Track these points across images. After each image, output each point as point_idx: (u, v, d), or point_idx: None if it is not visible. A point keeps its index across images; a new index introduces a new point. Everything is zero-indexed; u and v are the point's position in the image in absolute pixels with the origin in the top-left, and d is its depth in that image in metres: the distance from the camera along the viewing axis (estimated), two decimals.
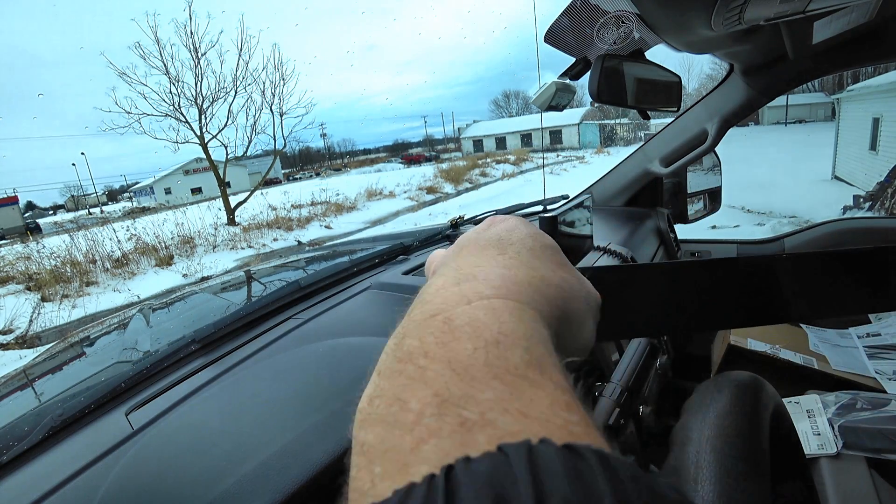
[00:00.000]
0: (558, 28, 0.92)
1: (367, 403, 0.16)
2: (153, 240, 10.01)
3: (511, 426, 0.13)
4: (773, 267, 0.31)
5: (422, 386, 0.14)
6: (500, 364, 0.15)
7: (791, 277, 0.32)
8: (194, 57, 11.89)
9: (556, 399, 0.14)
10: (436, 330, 0.17)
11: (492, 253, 0.23)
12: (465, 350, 0.15)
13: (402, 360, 0.16)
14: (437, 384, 0.14)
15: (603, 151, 28.24)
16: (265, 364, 0.64)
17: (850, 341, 1.24)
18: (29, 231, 19.53)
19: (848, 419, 0.85)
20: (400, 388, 0.15)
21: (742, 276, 0.31)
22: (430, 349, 0.16)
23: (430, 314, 0.18)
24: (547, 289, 0.21)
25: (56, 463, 0.50)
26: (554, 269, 0.23)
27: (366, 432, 0.14)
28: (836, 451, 0.80)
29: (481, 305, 0.18)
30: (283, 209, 13.36)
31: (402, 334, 0.18)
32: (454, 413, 0.13)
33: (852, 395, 0.92)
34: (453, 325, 0.17)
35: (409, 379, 0.15)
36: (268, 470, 0.43)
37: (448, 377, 0.14)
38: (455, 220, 1.31)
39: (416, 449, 0.13)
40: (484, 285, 0.19)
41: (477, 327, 0.17)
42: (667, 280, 0.33)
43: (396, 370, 0.16)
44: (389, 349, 0.18)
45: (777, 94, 1.23)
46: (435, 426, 0.13)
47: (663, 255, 1.37)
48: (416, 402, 0.14)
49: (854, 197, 7.49)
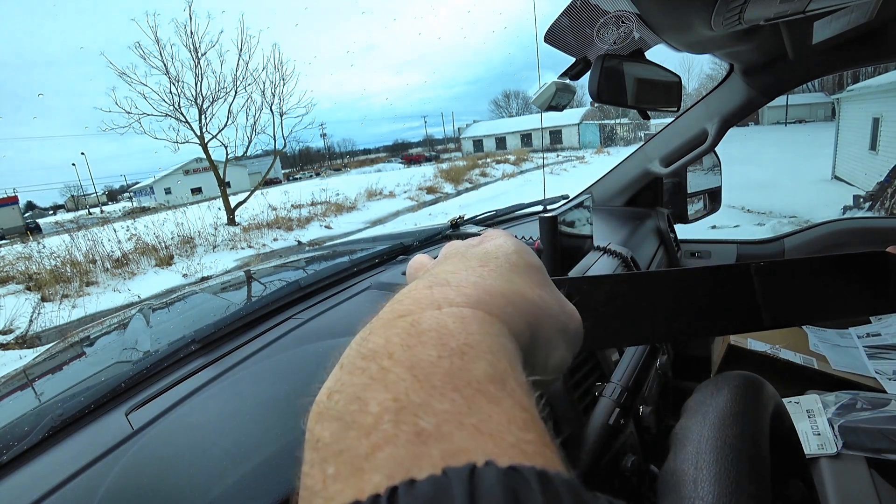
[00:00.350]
0: (558, 28, 0.92)
1: (325, 396, 0.15)
2: (153, 240, 10.01)
3: (465, 441, 0.12)
4: (772, 272, 0.31)
5: (382, 388, 0.14)
6: (461, 375, 0.15)
7: (790, 282, 0.32)
8: (194, 57, 11.91)
9: (514, 416, 0.14)
10: (402, 331, 0.17)
11: (472, 263, 0.23)
12: (428, 356, 0.15)
13: (365, 357, 0.16)
14: (398, 389, 0.14)
15: (603, 151, 28.24)
16: (265, 364, 0.64)
17: (850, 341, 1.24)
18: (29, 231, 19.54)
19: (848, 419, 0.85)
20: (360, 386, 0.15)
21: (740, 282, 0.31)
22: (394, 350, 0.16)
23: (399, 314, 0.18)
24: (521, 303, 0.21)
25: (56, 463, 0.50)
26: (532, 287, 0.22)
27: (322, 427, 0.14)
28: (836, 451, 0.80)
29: (450, 312, 0.18)
30: (283, 209, 13.36)
31: (369, 330, 0.18)
32: (411, 421, 0.13)
33: (852, 395, 0.92)
34: (420, 329, 0.17)
35: (371, 378, 0.15)
36: (268, 470, 0.43)
37: (409, 383, 0.14)
38: (455, 220, 1.31)
39: (370, 455, 0.12)
40: (455, 292, 0.19)
41: (443, 334, 0.16)
42: (664, 289, 0.32)
43: (359, 367, 0.16)
44: (355, 343, 0.17)
45: (777, 94, 1.23)
46: (391, 433, 0.13)
47: (663, 255, 1.37)
48: (376, 404, 0.14)
49: (854, 197, 7.49)
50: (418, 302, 0.19)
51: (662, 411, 0.87)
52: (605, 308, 0.30)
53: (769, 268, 0.31)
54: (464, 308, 0.18)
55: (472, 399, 0.14)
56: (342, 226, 12.28)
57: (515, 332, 0.19)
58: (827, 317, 0.34)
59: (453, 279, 0.20)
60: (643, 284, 0.33)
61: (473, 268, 0.22)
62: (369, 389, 0.14)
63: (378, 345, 0.16)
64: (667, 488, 0.40)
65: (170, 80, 11.77)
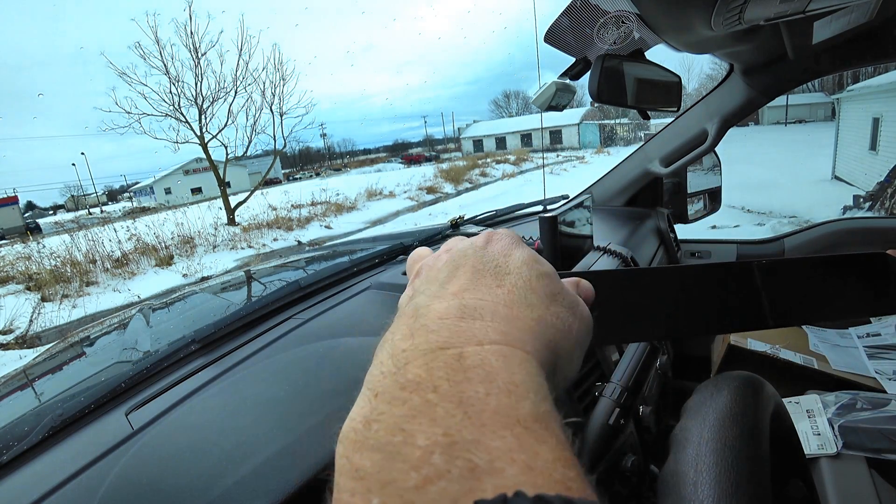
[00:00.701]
0: (558, 28, 0.92)
1: (362, 425, 0.15)
2: (153, 240, 10.01)
3: (517, 477, 0.13)
4: (775, 270, 0.31)
5: (429, 422, 0.14)
6: (510, 413, 0.15)
7: (790, 282, 0.32)
8: (194, 57, 11.91)
9: (559, 455, 0.14)
10: (445, 365, 0.17)
11: (489, 283, 0.23)
12: (476, 393, 0.15)
13: (405, 389, 0.16)
14: (448, 424, 0.14)
15: (603, 151, 28.24)
16: (265, 364, 0.64)
17: (850, 341, 1.24)
18: (29, 231, 19.54)
19: (848, 419, 0.85)
20: (403, 418, 0.15)
21: (743, 280, 0.31)
22: (439, 384, 0.16)
23: (439, 346, 0.18)
24: (544, 331, 0.21)
25: (56, 463, 0.50)
26: (548, 305, 0.23)
27: (361, 456, 0.14)
28: (836, 451, 0.80)
29: (493, 350, 0.18)
30: (283, 209, 13.36)
31: (405, 360, 0.17)
32: (465, 457, 0.13)
33: (852, 395, 0.92)
34: (465, 365, 0.17)
35: (415, 411, 0.15)
36: (268, 470, 0.43)
37: (459, 418, 0.14)
38: (455, 220, 1.31)
39: (422, 488, 0.13)
40: (492, 328, 0.19)
41: (489, 371, 0.17)
42: (667, 285, 0.32)
43: (399, 398, 0.16)
44: (388, 371, 0.17)
45: (777, 94, 1.23)
46: (443, 467, 0.13)
47: (663, 255, 1.37)
48: (424, 438, 0.14)
49: (854, 197, 7.49)
50: (457, 335, 0.19)
51: (662, 411, 0.87)
52: (607, 304, 0.30)
53: (772, 266, 0.31)
54: (504, 346, 0.18)
55: (521, 437, 0.14)
56: (342, 226, 12.28)
57: (543, 364, 0.20)
58: (829, 316, 0.34)
59: (484, 311, 0.20)
60: (646, 280, 0.33)
61: (492, 288, 0.22)
62: (414, 422, 0.15)
63: (419, 376, 0.16)
64: (667, 490, 0.40)
65: (170, 80, 11.78)
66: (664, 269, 0.33)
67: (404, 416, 0.15)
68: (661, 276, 0.33)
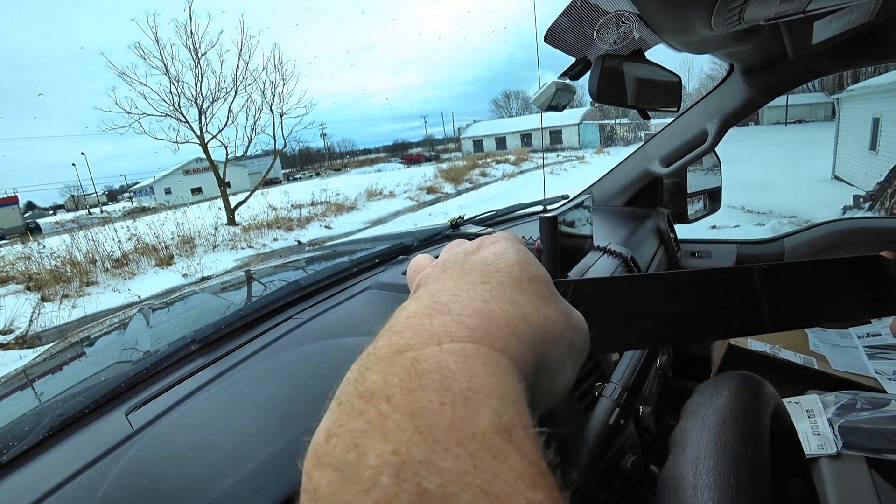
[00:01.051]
0: (558, 28, 0.92)
1: (324, 438, 0.14)
2: (153, 240, 10.01)
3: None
4: (774, 274, 0.31)
5: (381, 438, 0.13)
6: (465, 427, 0.14)
7: (789, 286, 0.31)
8: (194, 57, 11.92)
9: (521, 473, 0.13)
10: (401, 371, 0.16)
11: (473, 279, 0.21)
12: (430, 403, 0.14)
13: (362, 398, 0.15)
14: (398, 440, 0.13)
15: (603, 151, 28.24)
16: (265, 364, 0.64)
17: (850, 341, 1.24)
18: (29, 231, 19.55)
19: (848, 419, 0.85)
20: (359, 433, 0.14)
21: (743, 284, 0.31)
22: (393, 393, 0.15)
23: (398, 349, 0.17)
24: (527, 330, 0.20)
25: (56, 463, 0.50)
26: (538, 306, 0.21)
27: (319, 474, 0.13)
28: (836, 451, 0.80)
29: (451, 349, 0.16)
30: (283, 209, 13.36)
31: (366, 365, 0.17)
32: (413, 480, 0.12)
33: (852, 395, 0.92)
34: (420, 370, 0.16)
35: (369, 424, 0.14)
36: (267, 470, 0.43)
37: (410, 434, 0.13)
38: (455, 220, 1.31)
39: None
40: (456, 323, 0.18)
41: (445, 376, 0.15)
42: (667, 291, 0.32)
43: (357, 408, 0.15)
44: (351, 378, 0.16)
45: (777, 94, 1.23)
46: (392, 491, 0.12)
47: (663, 255, 1.37)
48: (374, 456, 0.13)
49: (854, 197, 7.50)
50: (418, 335, 0.17)
51: (662, 411, 0.88)
52: (608, 312, 0.30)
53: (771, 270, 0.31)
54: (466, 344, 0.17)
55: (477, 455, 0.13)
56: (342, 226, 12.29)
57: (521, 363, 0.18)
58: (828, 320, 0.33)
59: (454, 305, 0.19)
60: (646, 286, 0.32)
61: (474, 285, 0.21)
62: (367, 437, 0.14)
63: (376, 385, 0.15)
64: (666, 492, 0.40)
65: (170, 80, 11.79)
66: (663, 276, 0.32)
67: (359, 429, 0.14)
68: (660, 282, 0.33)
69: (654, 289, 0.32)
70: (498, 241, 0.25)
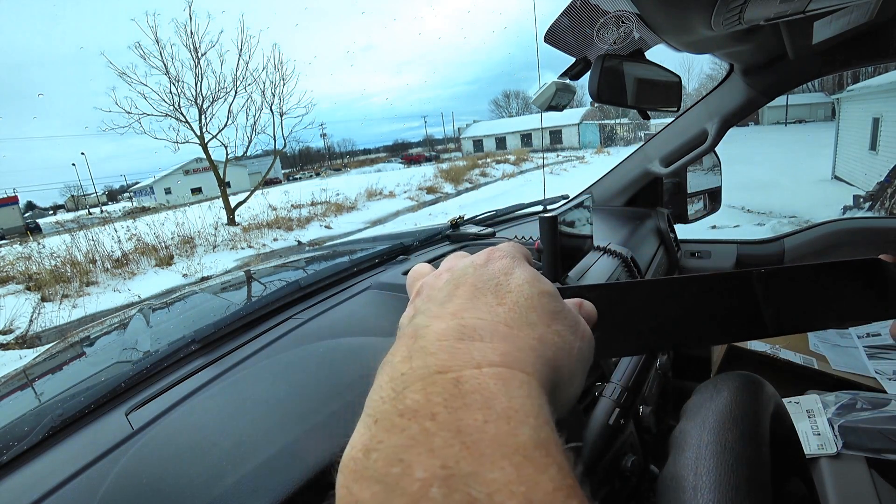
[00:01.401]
0: (558, 28, 0.92)
1: (361, 454, 0.15)
2: (153, 240, 10.01)
3: None
4: (774, 278, 0.31)
5: (427, 453, 0.14)
6: (509, 442, 0.15)
7: (788, 291, 0.32)
8: (194, 57, 11.91)
9: (560, 484, 0.14)
10: (443, 390, 0.16)
11: (489, 301, 0.22)
12: (474, 421, 0.15)
13: (403, 415, 0.16)
14: (446, 455, 0.14)
15: (603, 151, 28.24)
16: (265, 364, 0.64)
17: (850, 341, 1.24)
18: (29, 231, 19.54)
19: (848, 419, 0.85)
20: (402, 448, 0.15)
21: (742, 289, 0.31)
22: (437, 411, 0.16)
23: (437, 370, 0.17)
24: (544, 351, 0.21)
25: (56, 463, 0.50)
26: (549, 323, 0.22)
27: (360, 487, 0.14)
28: (836, 451, 0.80)
29: (491, 373, 0.17)
30: (283, 209, 13.37)
31: (403, 384, 0.17)
32: (463, 490, 0.13)
33: (852, 395, 0.92)
34: (463, 390, 0.16)
35: (413, 440, 0.15)
36: (268, 470, 0.43)
37: (457, 449, 0.14)
38: (455, 220, 1.31)
39: None
40: (491, 349, 0.19)
41: (487, 397, 0.16)
42: (667, 296, 0.32)
43: (397, 425, 0.15)
44: (387, 396, 0.17)
45: (777, 94, 1.23)
46: (442, 501, 0.13)
47: (663, 255, 1.37)
48: (422, 470, 0.14)
49: (854, 197, 7.50)
50: (454, 357, 0.18)
51: (662, 411, 0.87)
52: (609, 318, 0.30)
53: (770, 274, 0.31)
54: (502, 369, 0.18)
55: (520, 467, 0.14)
56: (342, 226, 12.29)
57: (545, 386, 0.19)
58: (827, 324, 0.33)
59: (482, 329, 0.20)
60: (646, 291, 0.32)
61: (493, 307, 0.22)
62: (412, 452, 0.14)
63: (417, 403, 0.16)
64: (667, 493, 0.40)
65: (170, 80, 11.79)
66: (663, 281, 0.33)
67: (403, 445, 0.15)
68: (659, 287, 0.33)
69: (654, 294, 0.32)
70: (504, 257, 0.26)
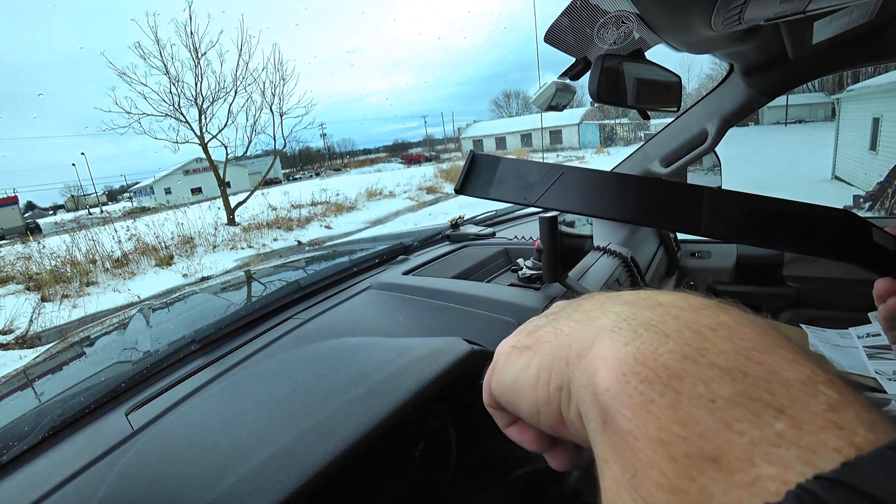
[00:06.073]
0: (558, 28, 0.92)
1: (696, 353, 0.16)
2: (153, 240, 10.01)
3: None
4: (719, 198, 0.33)
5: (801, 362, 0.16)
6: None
7: (737, 212, 0.33)
8: (194, 57, 11.90)
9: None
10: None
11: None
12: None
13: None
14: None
15: (603, 151, 28.21)
16: (265, 364, 0.64)
17: (850, 341, 1.24)
18: (29, 231, 19.54)
19: None
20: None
21: (691, 196, 0.33)
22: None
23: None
24: None
25: (56, 463, 0.50)
26: None
27: (719, 385, 0.15)
28: None
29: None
30: (283, 209, 13.36)
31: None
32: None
33: None
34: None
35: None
36: (268, 470, 0.43)
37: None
38: (455, 220, 1.31)
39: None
40: None
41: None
42: (629, 186, 0.35)
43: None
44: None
45: (777, 94, 1.23)
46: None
47: (663, 255, 1.37)
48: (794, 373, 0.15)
49: (854, 197, 7.50)
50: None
51: None
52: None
53: (721, 192, 0.33)
54: None
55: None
56: (342, 226, 12.28)
57: None
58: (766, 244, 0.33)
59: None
60: (616, 182, 0.35)
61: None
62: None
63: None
64: None
65: (170, 80, 11.77)
66: (636, 178, 0.36)
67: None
68: (625, 181, 0.35)
69: (624, 185, 0.35)
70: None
